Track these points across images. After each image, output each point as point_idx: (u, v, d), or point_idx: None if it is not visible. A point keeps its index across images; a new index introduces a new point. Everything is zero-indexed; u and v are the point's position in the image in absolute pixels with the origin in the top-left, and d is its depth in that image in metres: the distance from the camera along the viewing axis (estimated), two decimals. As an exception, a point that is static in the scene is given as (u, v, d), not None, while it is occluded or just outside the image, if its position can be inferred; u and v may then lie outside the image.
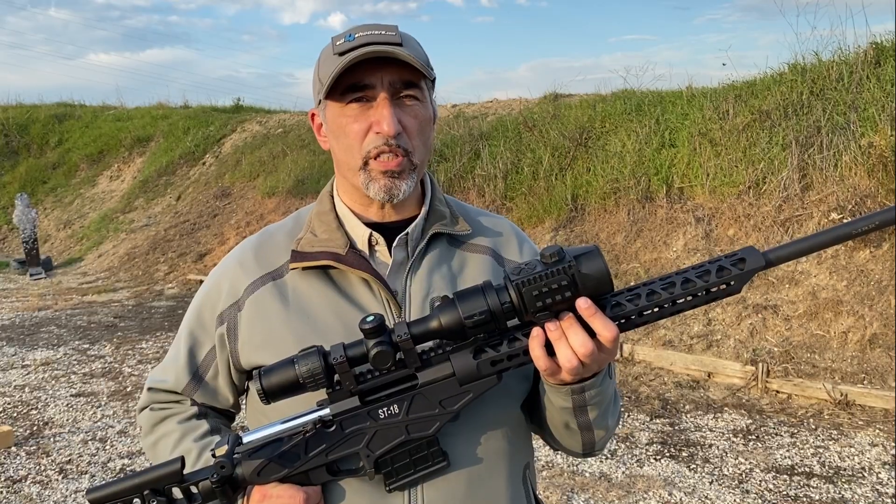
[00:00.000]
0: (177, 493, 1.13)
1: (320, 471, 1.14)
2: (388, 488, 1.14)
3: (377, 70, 1.16)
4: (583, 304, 1.02)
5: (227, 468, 1.09)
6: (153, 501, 1.11)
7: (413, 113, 1.20)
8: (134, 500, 1.11)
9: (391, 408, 1.10)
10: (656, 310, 1.06)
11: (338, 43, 1.18)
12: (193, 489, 1.13)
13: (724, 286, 1.05)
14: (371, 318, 1.05)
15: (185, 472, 1.13)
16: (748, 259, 1.04)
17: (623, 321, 1.05)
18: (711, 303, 1.08)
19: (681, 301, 1.05)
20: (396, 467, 1.13)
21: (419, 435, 1.11)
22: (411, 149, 1.21)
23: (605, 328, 1.02)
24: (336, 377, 1.08)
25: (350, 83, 1.17)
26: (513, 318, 1.05)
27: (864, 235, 1.03)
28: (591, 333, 1.03)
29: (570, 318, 1.02)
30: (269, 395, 1.08)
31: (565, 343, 1.03)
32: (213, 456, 1.11)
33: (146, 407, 1.39)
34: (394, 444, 1.11)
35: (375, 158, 1.19)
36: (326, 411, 1.11)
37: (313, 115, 1.30)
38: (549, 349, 1.05)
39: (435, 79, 1.26)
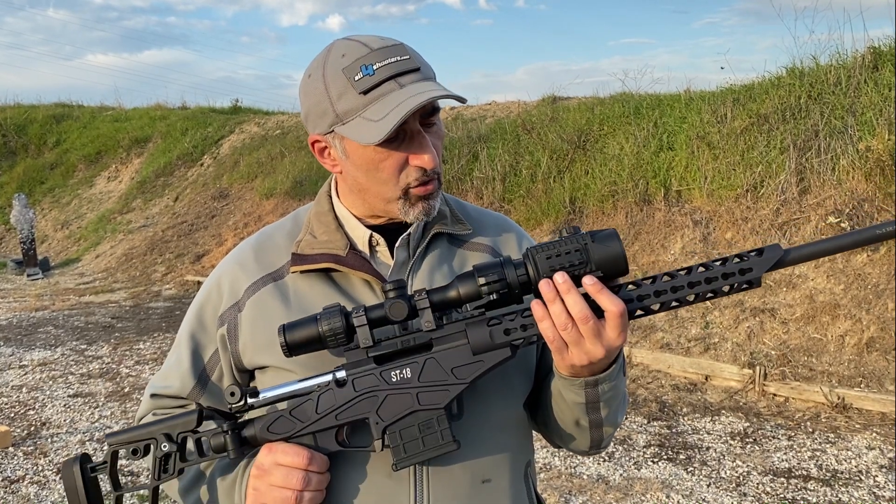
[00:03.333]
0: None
1: (329, 437, 1.14)
2: (395, 467, 1.12)
3: None
4: (588, 280, 1.03)
5: (237, 394, 1.13)
6: (164, 445, 1.14)
7: (438, 135, 1.20)
8: (150, 445, 1.16)
9: (404, 371, 1.11)
10: (673, 299, 1.07)
11: (356, 78, 1.12)
12: (206, 444, 1.17)
13: (741, 273, 1.06)
14: (395, 279, 1.12)
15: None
16: (767, 252, 1.06)
17: (632, 303, 1.07)
18: (729, 295, 1.09)
19: (696, 291, 1.07)
20: (406, 444, 1.12)
21: (430, 405, 1.11)
22: (441, 170, 1.21)
23: (611, 303, 1.03)
24: (355, 338, 1.11)
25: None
26: (528, 292, 1.08)
27: (888, 239, 1.06)
28: (599, 314, 1.04)
29: (566, 282, 1.03)
30: (291, 348, 1.11)
31: (559, 303, 1.04)
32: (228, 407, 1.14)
33: (146, 414, 1.36)
34: (404, 413, 1.12)
35: (414, 188, 1.19)
36: (342, 373, 1.13)
37: (315, 140, 1.22)
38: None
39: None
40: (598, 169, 8.69)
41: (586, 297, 1.04)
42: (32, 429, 5.37)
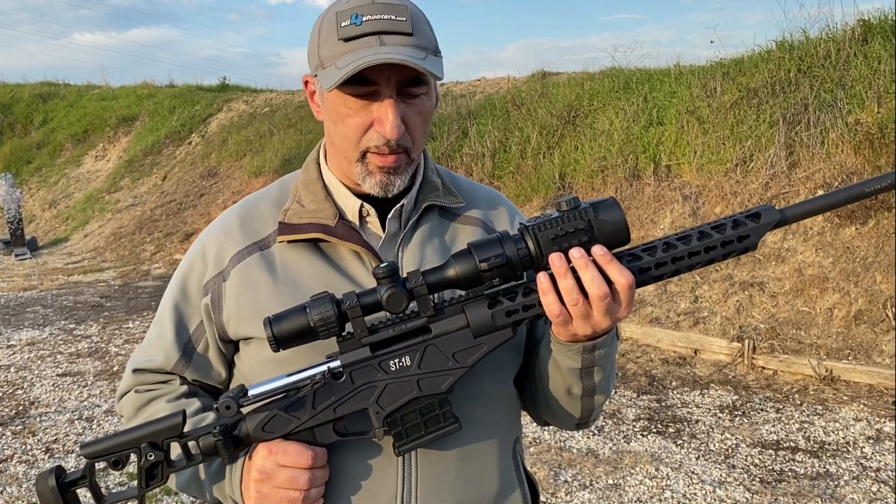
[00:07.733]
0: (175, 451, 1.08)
1: (327, 429, 1.09)
2: (397, 450, 1.09)
3: (385, 69, 1.09)
4: (598, 250, 1.00)
5: (233, 408, 1.03)
6: (150, 455, 1.05)
7: (418, 108, 1.15)
8: (130, 455, 1.07)
9: (403, 359, 1.07)
10: (672, 264, 1.05)
11: (343, 24, 1.10)
12: (193, 447, 1.08)
13: (739, 240, 1.05)
14: (385, 264, 1.04)
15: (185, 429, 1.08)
16: (763, 214, 1.05)
17: (639, 273, 1.04)
18: (727, 259, 1.07)
19: (697, 255, 1.05)
20: (407, 428, 1.09)
21: (431, 392, 1.08)
22: (410, 145, 1.16)
23: (621, 274, 1.01)
24: (348, 326, 1.05)
25: (354, 74, 1.08)
26: (529, 267, 1.04)
27: (876, 195, 1.05)
28: (607, 282, 1.01)
29: (583, 258, 1.00)
30: (279, 342, 1.04)
31: (571, 278, 1.01)
32: (216, 410, 1.06)
33: (129, 391, 1.31)
34: (405, 401, 1.08)
35: (373, 153, 1.15)
36: (336, 363, 1.08)
37: (307, 80, 1.22)
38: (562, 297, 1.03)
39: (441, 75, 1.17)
40: (587, 144, 8.66)
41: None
42: (21, 408, 5.35)
